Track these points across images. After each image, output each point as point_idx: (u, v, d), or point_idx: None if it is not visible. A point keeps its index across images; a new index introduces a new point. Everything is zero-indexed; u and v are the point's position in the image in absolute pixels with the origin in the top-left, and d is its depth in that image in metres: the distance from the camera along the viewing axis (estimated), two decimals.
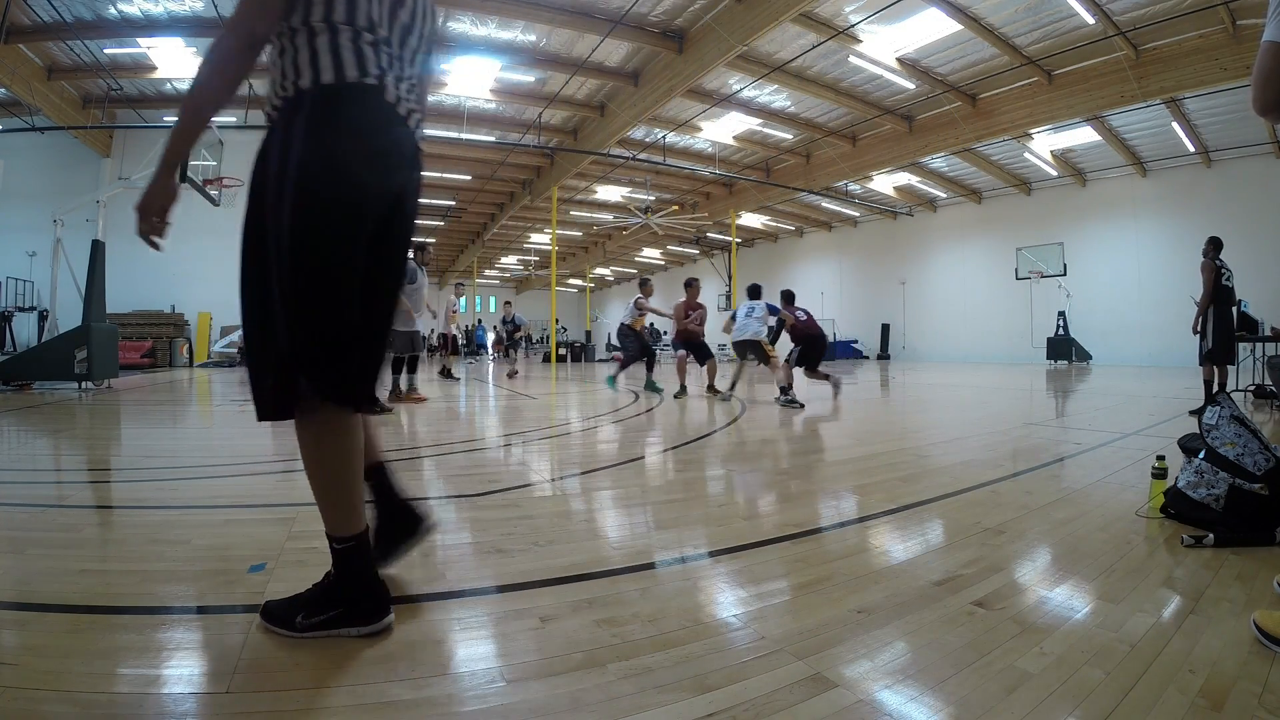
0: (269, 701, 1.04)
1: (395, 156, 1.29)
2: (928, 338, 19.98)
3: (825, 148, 15.35)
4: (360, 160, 1.21)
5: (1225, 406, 2.10)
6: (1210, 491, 2.01)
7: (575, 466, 3.29)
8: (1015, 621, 1.37)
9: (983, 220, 18.44)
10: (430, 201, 21.10)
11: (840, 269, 23.35)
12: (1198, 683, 1.10)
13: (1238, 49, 9.05)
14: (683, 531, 2.10)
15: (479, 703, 1.06)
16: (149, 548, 1.89)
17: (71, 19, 9.62)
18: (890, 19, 9.59)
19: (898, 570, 1.73)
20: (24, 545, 1.84)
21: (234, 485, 2.71)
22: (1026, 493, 2.58)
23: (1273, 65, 1.12)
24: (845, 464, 3.29)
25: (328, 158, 1.18)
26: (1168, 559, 1.78)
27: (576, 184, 18.26)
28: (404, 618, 1.38)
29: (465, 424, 5.26)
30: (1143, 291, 14.82)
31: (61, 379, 7.23)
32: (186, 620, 1.37)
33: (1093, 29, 9.68)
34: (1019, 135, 13.00)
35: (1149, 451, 2.98)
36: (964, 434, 4.38)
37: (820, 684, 1.12)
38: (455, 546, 1.90)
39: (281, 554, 1.77)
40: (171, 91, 12.63)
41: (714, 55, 9.95)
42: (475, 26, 10.38)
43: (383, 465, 1.53)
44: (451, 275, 34.71)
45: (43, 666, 1.14)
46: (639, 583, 1.61)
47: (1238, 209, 13.00)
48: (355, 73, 1.22)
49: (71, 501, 2.26)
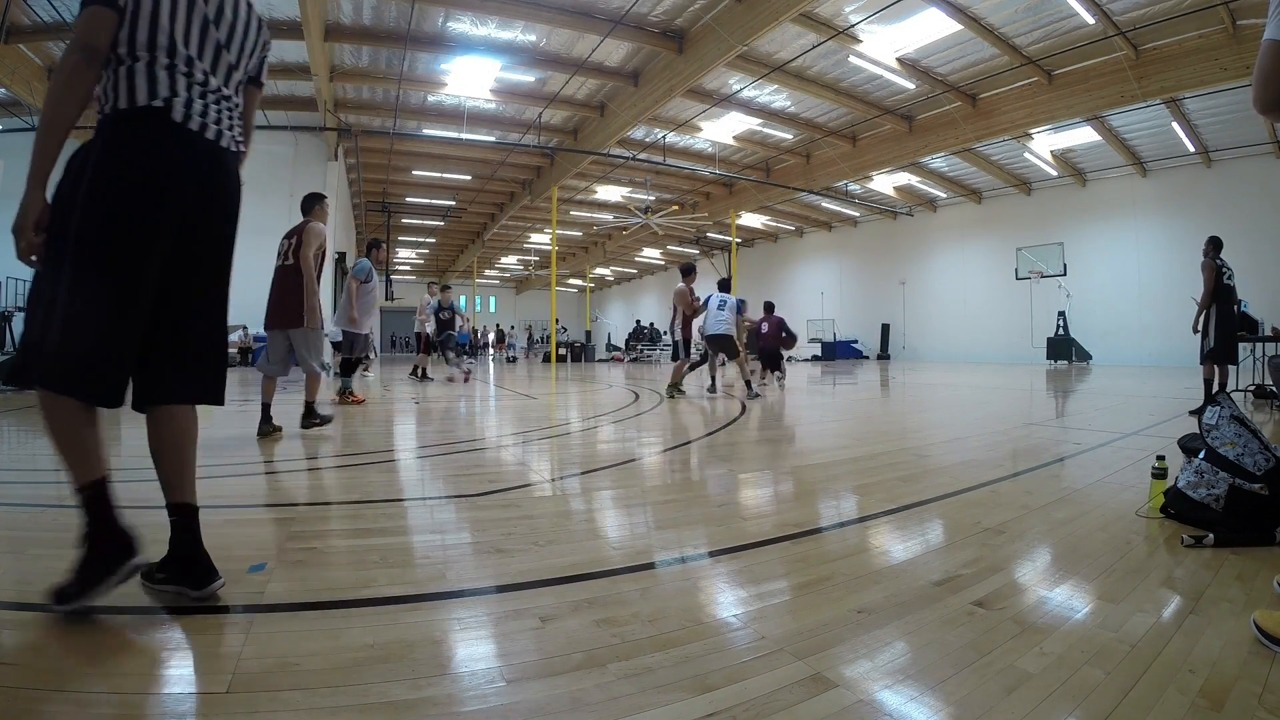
0: (269, 701, 1.04)
1: (174, 177, 1.39)
2: (928, 338, 19.98)
3: (825, 148, 15.34)
4: (132, 186, 1.34)
5: (1225, 406, 2.10)
6: (1210, 491, 2.01)
7: (575, 466, 3.29)
8: (1015, 621, 1.37)
9: (983, 220, 18.44)
10: (430, 201, 21.11)
11: (840, 269, 23.34)
12: (1198, 683, 1.10)
13: (1238, 49, 9.04)
14: (683, 531, 2.10)
15: (479, 703, 1.06)
16: (149, 548, 1.89)
17: (71, 19, 9.62)
18: (890, 19, 9.58)
19: (898, 570, 1.73)
20: (24, 545, 1.84)
21: (234, 485, 2.71)
22: (1026, 493, 2.58)
23: (1273, 64, 1.12)
24: (845, 464, 3.29)
25: (106, 184, 1.32)
26: (1168, 559, 1.78)
27: (576, 184, 18.25)
28: (404, 617, 1.38)
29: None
30: (1143, 291, 14.82)
31: None
32: (186, 620, 1.37)
33: (1093, 29, 9.67)
34: (1019, 135, 12.99)
35: (1149, 451, 2.98)
36: (964, 434, 4.38)
37: (820, 684, 1.12)
38: (455, 546, 1.90)
39: (281, 554, 1.77)
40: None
41: (714, 55, 9.95)
42: (475, 26, 10.38)
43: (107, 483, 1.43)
44: (452, 275, 34.74)
45: (43, 666, 1.14)
46: (639, 583, 1.61)
47: (1238, 209, 13.00)
48: (145, 97, 1.35)
49: (71, 501, 2.25)
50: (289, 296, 4.08)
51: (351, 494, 2.67)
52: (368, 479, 2.92)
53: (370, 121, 14.28)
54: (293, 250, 4.14)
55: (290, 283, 4.10)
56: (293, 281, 4.08)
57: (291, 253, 4.14)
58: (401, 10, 9.67)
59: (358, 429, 4.60)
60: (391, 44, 10.61)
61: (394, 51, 10.92)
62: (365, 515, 2.26)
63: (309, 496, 2.62)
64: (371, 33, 10.51)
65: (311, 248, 4.09)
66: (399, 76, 11.68)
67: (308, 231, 4.13)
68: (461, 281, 33.90)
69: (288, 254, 4.16)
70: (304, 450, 3.70)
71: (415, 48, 10.76)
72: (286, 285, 4.13)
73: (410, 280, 35.72)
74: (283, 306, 4.11)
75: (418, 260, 33.18)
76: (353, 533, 2.05)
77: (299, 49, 10.55)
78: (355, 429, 4.58)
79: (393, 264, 29.63)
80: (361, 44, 10.78)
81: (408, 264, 33.96)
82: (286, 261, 4.14)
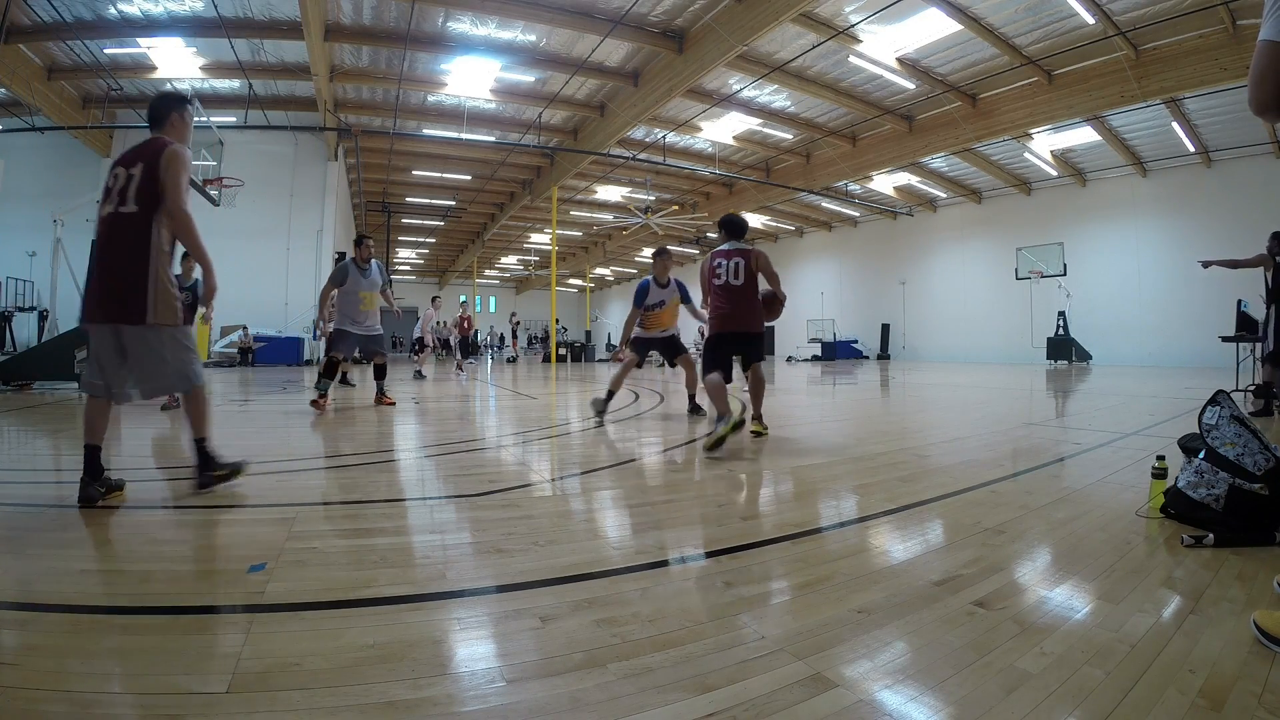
0: (269, 701, 1.04)
1: None
2: (928, 338, 19.98)
3: (825, 148, 15.35)
4: None
5: (1225, 406, 2.10)
6: (1210, 491, 2.01)
7: (575, 466, 3.29)
8: (1015, 621, 1.37)
9: (983, 220, 18.45)
10: (430, 201, 21.12)
11: (840, 269, 23.35)
12: (1198, 683, 1.10)
13: (1237, 49, 9.05)
14: (683, 531, 2.10)
15: (479, 703, 1.06)
16: (149, 548, 1.89)
17: (71, 19, 9.62)
18: (890, 19, 9.59)
19: (898, 570, 1.73)
20: (24, 545, 1.84)
21: (234, 485, 2.71)
22: (1026, 493, 2.58)
23: (1268, 64, 1.12)
24: (845, 464, 3.29)
25: None
26: (1168, 559, 1.78)
27: (576, 184, 18.26)
28: (404, 617, 1.38)
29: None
30: (1143, 291, 14.82)
31: (61, 379, 7.22)
32: (186, 620, 1.37)
33: (1093, 29, 9.68)
34: (1019, 135, 13.00)
35: (1149, 451, 2.98)
36: (964, 434, 4.38)
37: (820, 684, 1.12)
38: (455, 546, 1.90)
39: (281, 554, 1.77)
40: (171, 92, 12.65)
41: (714, 55, 9.96)
42: (475, 26, 10.39)
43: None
44: (452, 275, 34.74)
45: (43, 666, 1.14)
46: (639, 583, 1.61)
47: (1238, 209, 13.00)
48: None
49: (71, 501, 2.25)
50: (124, 267, 2.30)
51: (351, 494, 2.67)
52: (368, 479, 2.92)
53: (370, 121, 14.29)
54: (135, 188, 2.32)
55: (125, 244, 2.30)
56: (131, 242, 2.30)
57: (133, 193, 2.32)
58: (401, 10, 9.68)
59: (358, 429, 4.60)
60: (391, 44, 10.62)
61: (394, 51, 10.93)
62: (365, 515, 2.26)
63: (309, 496, 2.62)
64: (371, 33, 10.52)
65: (181, 180, 2.35)
66: (399, 76, 11.69)
67: (168, 157, 2.33)
68: (461, 281, 33.92)
69: (124, 194, 2.32)
70: (304, 450, 3.70)
71: (415, 48, 10.76)
72: (118, 249, 2.31)
73: (410, 280, 35.73)
74: (110, 284, 2.32)
75: (418, 260, 33.18)
76: (353, 533, 2.05)
77: (299, 49, 10.56)
78: (356, 429, 4.59)
79: (393, 264, 29.62)
80: (361, 44, 10.79)
81: (408, 264, 33.96)
82: (122, 208, 2.32)
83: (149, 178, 2.31)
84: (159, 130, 2.47)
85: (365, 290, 5.67)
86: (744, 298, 3.94)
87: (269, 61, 11.56)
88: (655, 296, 5.24)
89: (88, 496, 2.26)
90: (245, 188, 11.88)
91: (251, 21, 10.18)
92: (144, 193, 2.31)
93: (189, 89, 11.78)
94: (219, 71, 11.77)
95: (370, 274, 5.74)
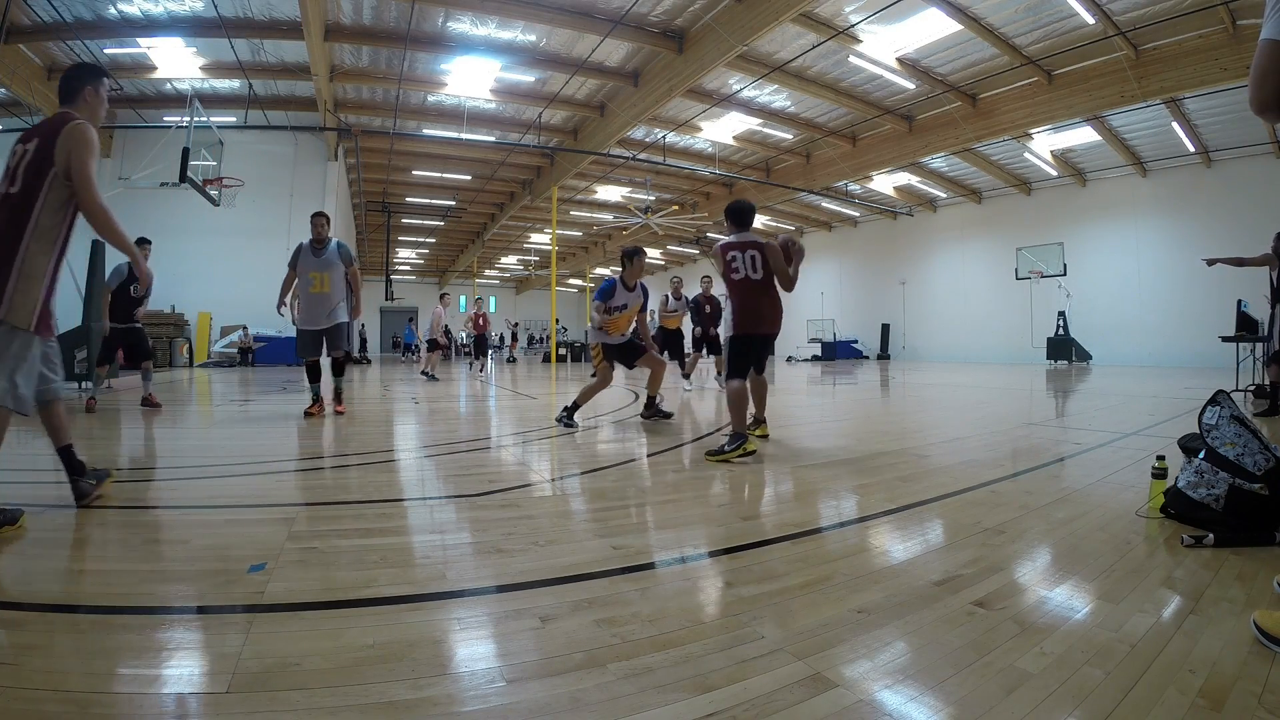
0: (269, 701, 1.04)
1: None
2: (928, 338, 19.98)
3: (825, 148, 15.34)
4: None
5: (1225, 406, 2.10)
6: (1210, 491, 2.01)
7: (575, 466, 3.29)
8: (1015, 621, 1.37)
9: (983, 220, 18.44)
10: (430, 201, 21.12)
11: (840, 269, 23.35)
12: (1198, 683, 1.10)
13: (1238, 49, 9.04)
14: (682, 531, 2.10)
15: (479, 703, 1.06)
16: (149, 548, 1.89)
17: (71, 19, 9.62)
18: (890, 19, 9.58)
19: (898, 570, 1.73)
20: (24, 545, 1.84)
21: (234, 485, 2.71)
22: (1026, 493, 2.58)
23: (1269, 63, 1.12)
24: (845, 464, 3.29)
25: None
26: (1168, 559, 1.78)
27: (576, 184, 18.26)
28: (404, 617, 1.38)
29: None
30: (1143, 291, 14.82)
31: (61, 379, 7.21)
32: (186, 620, 1.37)
33: (1093, 29, 9.68)
34: (1019, 135, 13.00)
35: (1149, 451, 2.98)
36: (964, 434, 4.38)
37: (820, 684, 1.12)
38: (455, 546, 1.90)
39: (281, 554, 1.77)
40: (171, 91, 12.64)
41: (714, 55, 9.95)
42: (475, 26, 10.38)
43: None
44: (452, 275, 34.73)
45: (43, 666, 1.14)
46: (639, 583, 1.61)
47: (1238, 209, 13.00)
48: None
49: (71, 501, 2.25)
50: None
51: (352, 494, 2.67)
52: (368, 479, 2.92)
53: (370, 121, 14.29)
54: (24, 166, 2.09)
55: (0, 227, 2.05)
56: (4, 226, 2.05)
57: (20, 171, 2.09)
58: (401, 10, 9.68)
59: (357, 429, 4.59)
60: (391, 44, 10.62)
61: (394, 51, 10.93)
62: (365, 515, 2.26)
63: (309, 496, 2.62)
64: (371, 33, 10.51)
65: (88, 165, 2.15)
66: (399, 76, 11.69)
67: (67, 135, 2.12)
68: (461, 281, 33.90)
69: (14, 173, 2.09)
70: (304, 450, 3.70)
71: (415, 48, 10.76)
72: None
73: (410, 280, 35.72)
74: None
75: (418, 260, 33.19)
76: (353, 533, 2.05)
77: (299, 49, 10.56)
78: (355, 429, 4.58)
79: (393, 264, 29.61)
80: (361, 44, 10.79)
81: (408, 264, 33.96)
82: (12, 188, 2.08)
83: (41, 155, 2.10)
84: (69, 105, 2.26)
85: (314, 270, 5.18)
86: (766, 293, 3.76)
87: (269, 61, 11.56)
88: (620, 299, 4.76)
89: (81, 491, 2.31)
90: (245, 188, 11.88)
91: (251, 21, 10.18)
92: (30, 171, 2.09)
93: (189, 89, 11.77)
94: (219, 71, 11.77)
95: (325, 253, 5.22)
